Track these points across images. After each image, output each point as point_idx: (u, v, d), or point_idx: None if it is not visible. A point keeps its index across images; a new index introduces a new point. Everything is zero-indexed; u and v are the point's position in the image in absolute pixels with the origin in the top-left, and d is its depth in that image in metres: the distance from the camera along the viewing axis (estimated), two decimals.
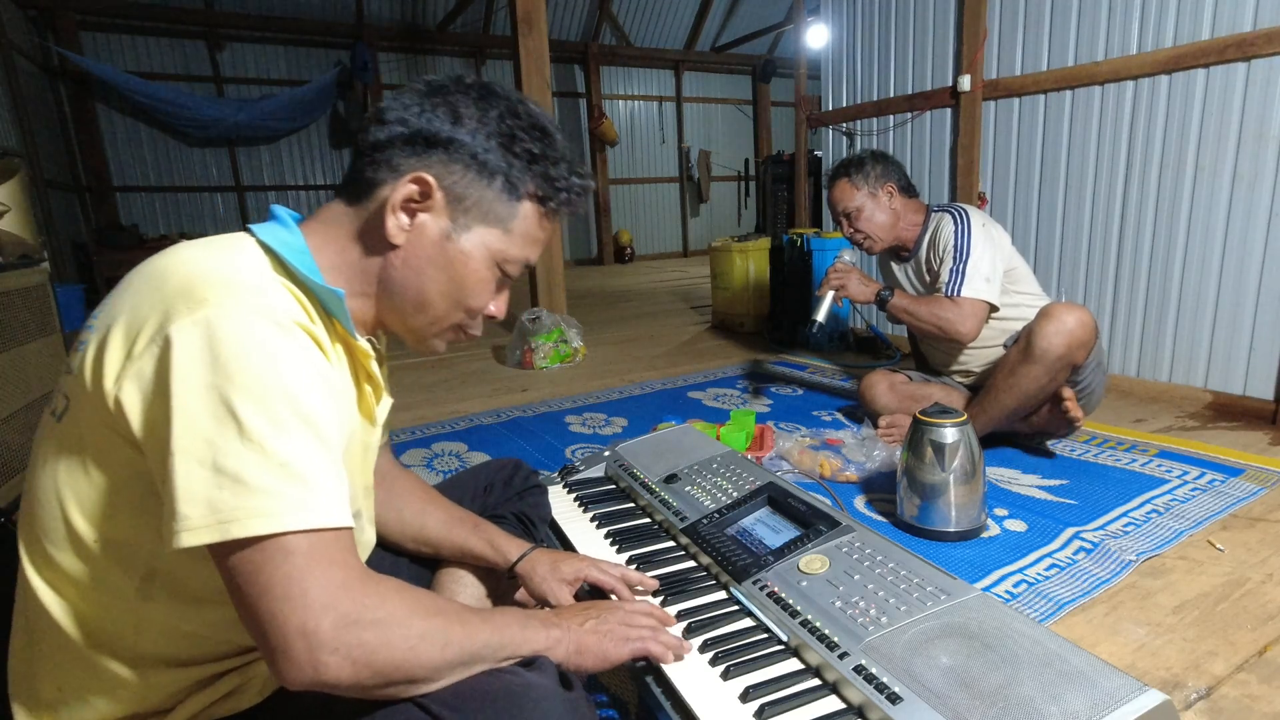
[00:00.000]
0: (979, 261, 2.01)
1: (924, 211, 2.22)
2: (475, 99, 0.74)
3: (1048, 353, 1.85)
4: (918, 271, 2.25)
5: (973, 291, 2.00)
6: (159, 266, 0.64)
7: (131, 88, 6.46)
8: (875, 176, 2.17)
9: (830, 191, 2.26)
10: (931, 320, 2.04)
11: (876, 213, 2.18)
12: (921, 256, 2.21)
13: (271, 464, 0.57)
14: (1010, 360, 1.96)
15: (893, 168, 2.20)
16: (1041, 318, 1.90)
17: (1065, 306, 1.89)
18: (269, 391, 0.58)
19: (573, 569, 1.02)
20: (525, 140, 0.75)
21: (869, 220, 2.19)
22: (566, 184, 0.79)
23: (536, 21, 3.68)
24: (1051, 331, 1.86)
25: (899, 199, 2.19)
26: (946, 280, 2.04)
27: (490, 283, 0.79)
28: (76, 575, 0.65)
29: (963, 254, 2.03)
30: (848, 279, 2.16)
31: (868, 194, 2.18)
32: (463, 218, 0.75)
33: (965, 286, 2.01)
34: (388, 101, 0.75)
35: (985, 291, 2.01)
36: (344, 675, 0.59)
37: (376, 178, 0.73)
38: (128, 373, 0.60)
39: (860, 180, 2.18)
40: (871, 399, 2.32)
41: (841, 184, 2.21)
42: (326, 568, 0.59)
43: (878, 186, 2.18)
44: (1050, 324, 1.87)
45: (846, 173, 2.21)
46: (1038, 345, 1.87)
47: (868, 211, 2.18)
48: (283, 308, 0.63)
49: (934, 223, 2.17)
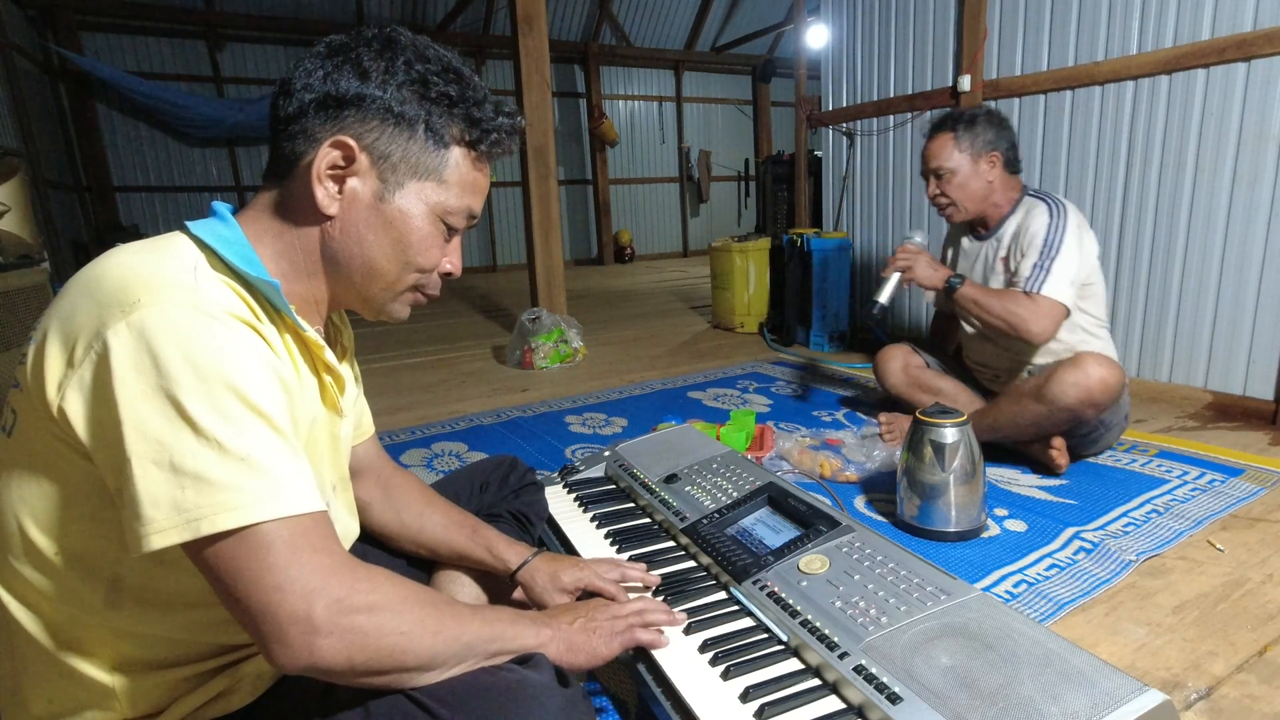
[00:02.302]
0: (1067, 262, 1.85)
1: (1019, 191, 2.04)
2: (378, 51, 0.71)
3: (1057, 401, 1.78)
4: (994, 254, 2.06)
5: (1053, 291, 1.84)
6: (94, 273, 0.62)
7: (131, 87, 6.46)
8: (984, 141, 1.96)
9: (928, 143, 2.04)
10: (1002, 315, 1.87)
11: (971, 180, 1.98)
12: (1004, 240, 2.02)
13: (231, 458, 0.57)
14: (1022, 390, 1.88)
15: (1004, 135, 1.99)
16: (1068, 364, 1.80)
17: (1096, 360, 1.78)
18: (213, 386, 0.58)
19: (572, 578, 1.02)
20: (439, 84, 0.72)
21: (961, 186, 1.99)
22: (494, 124, 0.76)
23: (536, 21, 3.68)
24: (1070, 383, 1.76)
25: (1000, 171, 1.99)
26: (1028, 275, 1.87)
27: (436, 238, 0.77)
28: (43, 588, 0.65)
29: (1052, 249, 1.87)
30: (915, 261, 1.99)
31: (969, 157, 1.97)
32: (392, 175, 0.72)
33: (1047, 284, 1.84)
34: (292, 72, 0.72)
35: (1067, 294, 1.85)
36: (338, 659, 0.59)
37: (296, 150, 0.71)
38: (70, 382, 0.59)
39: (966, 140, 1.97)
40: (884, 374, 2.30)
41: (944, 139, 1.99)
42: (311, 554, 0.59)
43: (982, 152, 1.97)
44: (1072, 374, 1.77)
45: (953, 128, 1.99)
46: (1051, 390, 1.78)
47: (962, 176, 1.98)
48: (215, 300, 0.61)
49: (1025, 208, 1.99)
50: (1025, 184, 2.06)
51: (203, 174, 7.52)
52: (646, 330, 4.57)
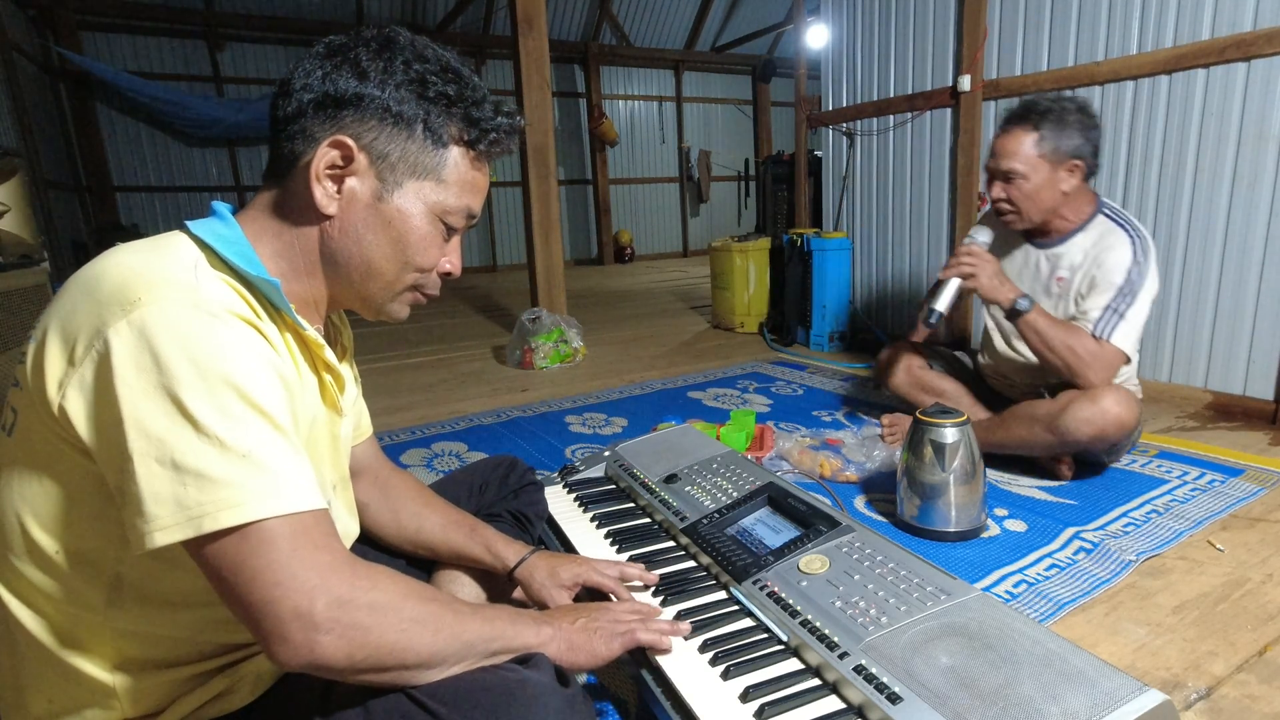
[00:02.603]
0: (1142, 308, 1.71)
1: (1093, 205, 1.84)
2: (376, 50, 0.72)
3: (1069, 435, 1.71)
4: (1050, 270, 1.88)
5: (1123, 341, 1.71)
6: (94, 272, 0.63)
7: (132, 88, 6.46)
8: (1070, 146, 1.73)
9: (1004, 137, 1.79)
10: (1064, 355, 1.72)
11: (1045, 190, 1.76)
12: (1067, 258, 1.84)
13: (232, 456, 0.57)
14: (1035, 415, 1.79)
15: (1092, 139, 1.75)
16: (1085, 399, 1.70)
17: (1115, 398, 1.69)
18: (213, 384, 0.58)
19: (571, 574, 1.02)
20: (438, 83, 0.72)
21: (1030, 195, 1.77)
22: (492, 124, 0.76)
23: (536, 21, 3.68)
24: (1084, 419, 1.69)
25: (1077, 181, 1.78)
26: (1099, 317, 1.72)
27: (435, 238, 0.77)
28: (44, 588, 0.65)
29: (1132, 293, 1.71)
30: (981, 268, 1.78)
31: (1048, 163, 1.74)
32: (390, 175, 0.72)
33: (1119, 333, 1.71)
34: (292, 72, 0.72)
35: (1134, 346, 1.72)
36: (339, 656, 0.59)
37: (295, 151, 0.71)
38: (70, 381, 0.59)
39: (1050, 142, 1.73)
40: (885, 374, 2.27)
41: (1024, 136, 1.75)
42: (312, 551, 0.59)
43: (1065, 158, 1.74)
44: (1087, 410, 1.68)
45: (1036, 125, 1.74)
46: (1064, 424, 1.71)
47: (1035, 183, 1.75)
48: (215, 298, 0.62)
49: (1100, 230, 1.81)
50: (1098, 194, 1.88)
51: (203, 174, 7.53)
52: (646, 330, 4.57)
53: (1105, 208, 1.85)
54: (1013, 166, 1.76)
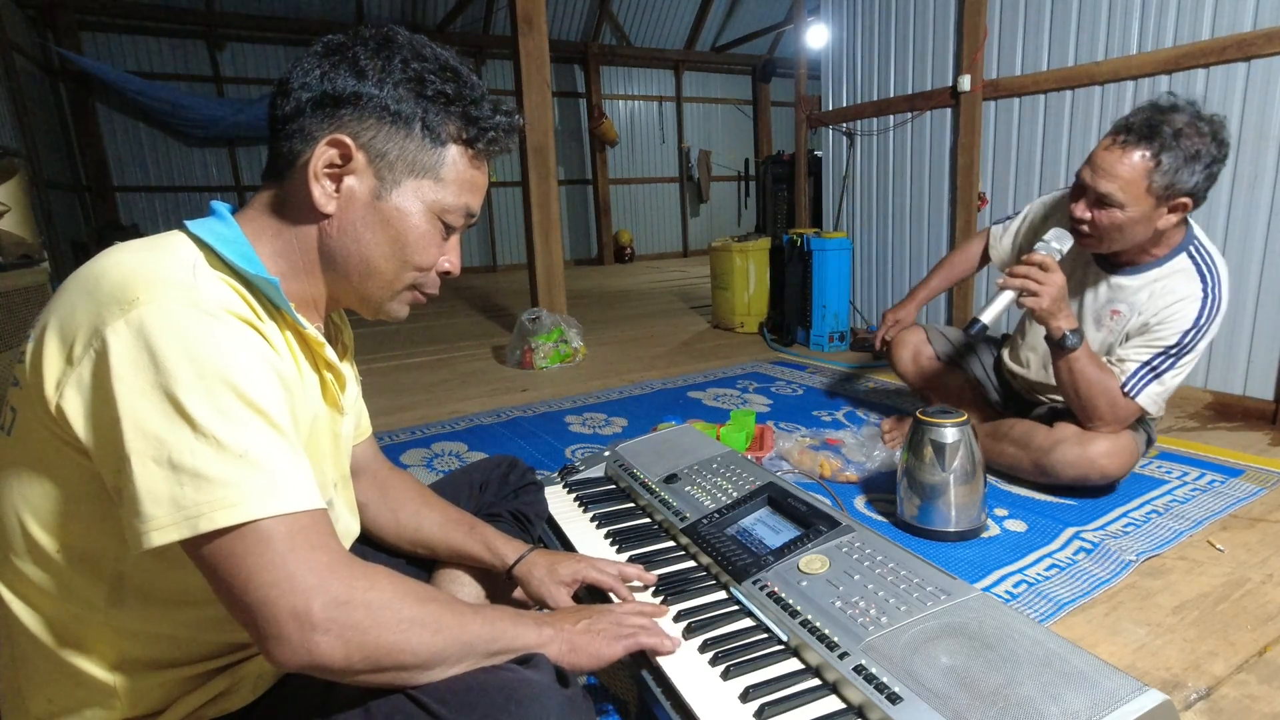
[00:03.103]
0: (1183, 372, 1.60)
1: (1182, 235, 1.64)
2: (375, 49, 0.72)
3: (1051, 471, 1.71)
4: (1108, 298, 1.72)
5: (1148, 401, 1.61)
6: (93, 271, 0.62)
7: (131, 88, 6.46)
8: (1186, 185, 1.47)
9: (1111, 150, 1.50)
10: (1087, 396, 1.61)
11: (1139, 225, 1.53)
12: (1129, 292, 1.67)
13: (229, 455, 0.57)
14: (1027, 441, 1.76)
15: (1213, 175, 1.50)
16: (1074, 441, 1.66)
17: (1107, 449, 1.63)
18: (211, 384, 0.58)
19: (570, 571, 1.02)
20: (436, 82, 0.72)
21: (1120, 228, 1.53)
22: (491, 122, 0.76)
23: (536, 21, 3.68)
24: (1069, 463, 1.67)
25: (1178, 219, 1.55)
26: (1135, 370, 1.61)
27: (434, 236, 0.77)
28: (45, 587, 0.65)
29: (1181, 351, 1.59)
30: (1046, 287, 1.57)
31: (1154, 199, 1.49)
32: (389, 173, 0.72)
33: (1146, 393, 1.60)
34: (290, 71, 0.73)
35: (1156, 404, 1.63)
36: (336, 657, 0.59)
37: (294, 150, 0.71)
38: (69, 380, 0.59)
39: (1168, 176, 1.46)
40: (896, 358, 2.23)
41: (1138, 162, 1.47)
42: (309, 551, 0.59)
43: (1175, 196, 1.49)
44: (1072, 454, 1.66)
45: (1158, 151, 1.46)
46: (1049, 461, 1.70)
47: (1130, 216, 1.51)
48: (214, 297, 0.61)
49: (1176, 272, 1.62)
50: (1190, 224, 1.65)
51: (203, 174, 7.52)
52: (646, 330, 4.57)
53: (1193, 242, 1.64)
54: (1110, 192, 1.50)
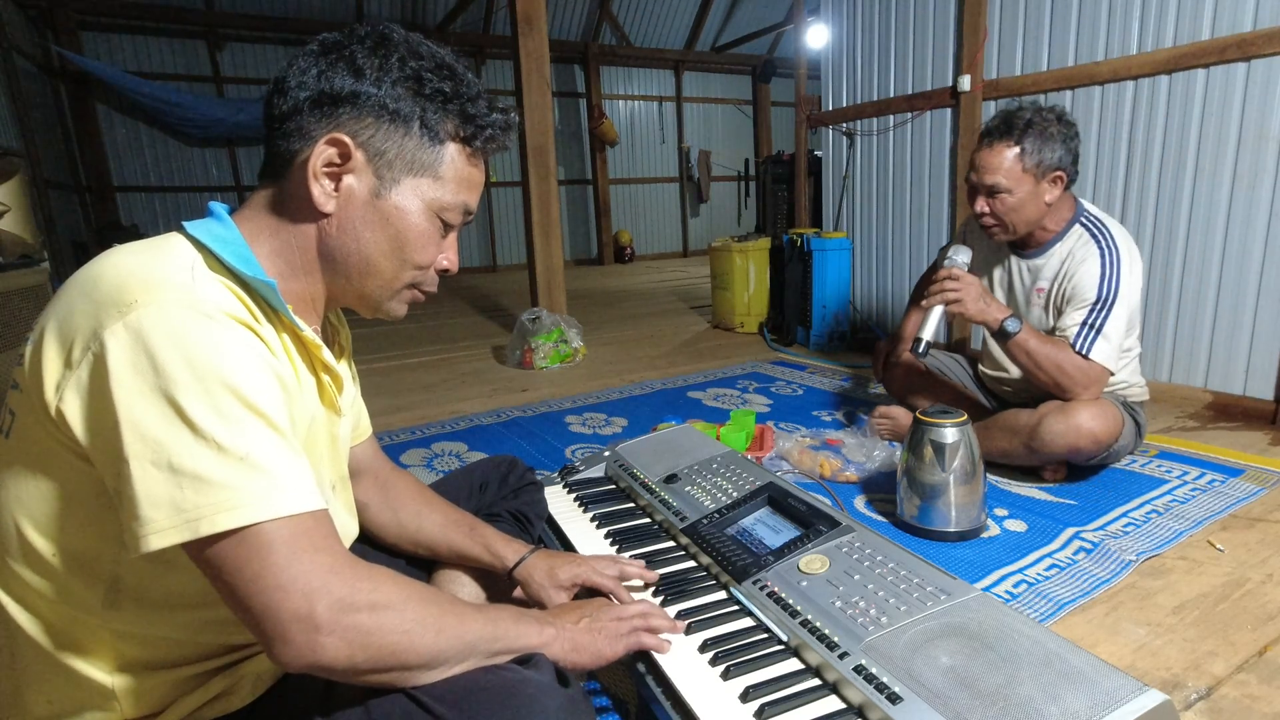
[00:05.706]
0: (1119, 317, 1.70)
1: (1072, 210, 1.83)
2: (372, 48, 0.71)
3: (1042, 446, 1.74)
4: (1031, 281, 1.89)
5: (1103, 356, 1.70)
6: (91, 273, 0.62)
7: (131, 87, 6.46)
8: (1053, 159, 1.71)
9: (985, 152, 1.76)
10: (1052, 370, 1.71)
11: (1029, 203, 1.75)
12: (1045, 270, 1.85)
13: (230, 458, 0.57)
14: (1015, 425, 1.80)
15: (1072, 148, 1.74)
16: (1058, 412, 1.71)
17: (1090, 413, 1.69)
18: (210, 386, 0.58)
19: (569, 574, 1.02)
20: (433, 80, 0.72)
21: (1015, 209, 1.75)
22: (488, 120, 0.76)
23: (536, 21, 3.68)
24: (1057, 433, 1.70)
25: (1059, 192, 1.76)
26: (1078, 331, 1.72)
27: (432, 234, 0.77)
28: (42, 589, 0.65)
29: (1105, 303, 1.71)
30: (965, 291, 1.73)
31: (1032, 177, 1.72)
32: (387, 172, 0.72)
33: (1097, 347, 1.70)
34: (286, 70, 0.72)
35: (1115, 359, 1.72)
36: (340, 658, 0.59)
37: (292, 149, 0.71)
38: (67, 383, 0.59)
39: (1034, 157, 1.71)
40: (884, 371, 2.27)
41: (1006, 151, 1.72)
42: (312, 553, 0.59)
43: (1048, 171, 1.73)
44: (1060, 424, 1.70)
45: (1019, 140, 1.71)
46: (1040, 438, 1.73)
47: (1019, 198, 1.74)
48: (212, 300, 0.61)
49: (1074, 239, 1.81)
50: (1077, 198, 1.87)
51: (203, 174, 7.52)
52: (646, 330, 4.57)
53: (1083, 214, 1.84)
54: (996, 181, 1.74)
